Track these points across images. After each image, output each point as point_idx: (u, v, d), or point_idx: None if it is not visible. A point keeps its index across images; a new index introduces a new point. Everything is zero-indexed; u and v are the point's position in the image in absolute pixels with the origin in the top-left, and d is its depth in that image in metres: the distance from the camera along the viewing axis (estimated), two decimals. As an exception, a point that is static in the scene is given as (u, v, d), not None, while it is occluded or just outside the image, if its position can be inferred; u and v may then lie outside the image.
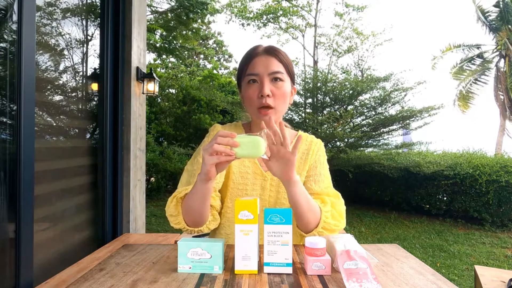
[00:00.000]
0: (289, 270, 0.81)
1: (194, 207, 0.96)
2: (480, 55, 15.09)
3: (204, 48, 16.21)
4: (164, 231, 4.65)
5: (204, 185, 0.91)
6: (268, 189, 1.10)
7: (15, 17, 1.32)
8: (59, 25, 1.78)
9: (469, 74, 15.13)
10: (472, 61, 15.18)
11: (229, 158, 0.84)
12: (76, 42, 1.93)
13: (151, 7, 7.98)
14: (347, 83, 6.25)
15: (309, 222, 0.98)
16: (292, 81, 1.11)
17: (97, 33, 2.14)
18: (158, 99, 8.96)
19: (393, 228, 5.17)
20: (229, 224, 1.11)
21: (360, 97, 6.27)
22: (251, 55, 1.07)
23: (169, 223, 1.05)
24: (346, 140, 6.27)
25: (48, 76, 1.72)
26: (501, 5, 13.83)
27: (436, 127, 6.89)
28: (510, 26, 13.85)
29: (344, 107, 6.39)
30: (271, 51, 1.06)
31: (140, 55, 2.49)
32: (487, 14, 14.68)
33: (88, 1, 2.07)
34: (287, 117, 6.59)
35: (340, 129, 6.26)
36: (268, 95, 1.02)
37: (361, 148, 6.66)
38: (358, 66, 7.95)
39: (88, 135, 2.12)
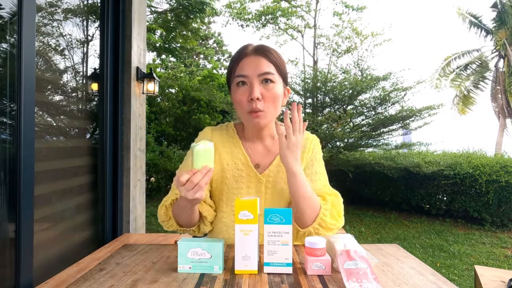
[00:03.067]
0: (289, 270, 0.81)
1: (182, 215, 1.01)
2: (478, 59, 15.11)
3: (204, 48, 16.21)
4: (164, 231, 4.65)
5: (188, 205, 0.94)
6: (263, 192, 1.07)
7: (15, 17, 1.32)
8: (59, 25, 1.78)
9: (466, 79, 15.14)
10: (470, 66, 15.19)
11: (207, 179, 0.85)
12: (76, 42, 1.93)
13: (151, 7, 7.98)
14: (346, 82, 6.24)
15: (306, 215, 0.97)
16: (285, 81, 1.06)
17: (97, 33, 2.14)
18: (158, 99, 8.96)
19: (393, 228, 5.17)
20: (227, 229, 1.09)
21: (360, 97, 6.27)
22: (240, 56, 1.02)
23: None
24: (346, 140, 6.27)
25: (48, 76, 1.72)
26: (499, 6, 13.87)
27: (436, 127, 6.90)
28: (508, 27, 13.87)
29: (344, 107, 6.39)
30: (261, 51, 1.01)
31: (140, 55, 2.49)
32: (479, 18, 14.76)
33: (88, 2, 2.08)
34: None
35: (339, 129, 6.26)
36: (258, 98, 0.98)
37: (361, 148, 6.66)
38: (358, 66, 7.94)
39: (88, 135, 2.12)
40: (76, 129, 1.99)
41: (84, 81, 2.05)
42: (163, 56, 11.67)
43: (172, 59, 13.21)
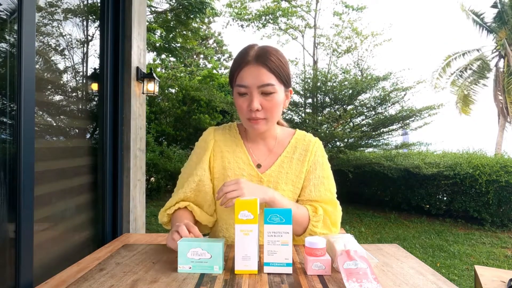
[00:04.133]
0: (289, 270, 0.81)
1: None
2: (479, 58, 15.10)
3: (204, 48, 16.21)
4: (164, 231, 4.65)
5: None
6: None
7: (15, 16, 1.32)
8: (59, 25, 1.78)
9: (467, 82, 15.13)
10: (470, 66, 15.18)
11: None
12: (76, 42, 1.93)
13: (151, 7, 7.98)
14: (346, 82, 6.25)
15: (294, 230, 1.04)
16: (287, 86, 1.06)
17: (97, 33, 2.14)
18: (158, 99, 8.95)
19: (393, 228, 5.17)
20: (227, 227, 1.10)
21: (360, 97, 6.27)
22: (241, 63, 1.01)
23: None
24: (346, 140, 6.27)
25: (48, 76, 1.72)
26: (499, 6, 13.86)
27: (436, 127, 6.90)
28: (508, 26, 13.86)
29: (344, 107, 6.39)
30: (262, 59, 0.99)
31: (140, 55, 2.49)
32: (481, 16, 14.73)
33: (88, 2, 2.08)
34: (286, 117, 6.59)
35: (340, 129, 6.26)
36: (257, 109, 0.99)
37: (361, 148, 6.66)
38: (358, 65, 7.94)
39: (88, 135, 2.12)
40: (76, 129, 1.99)
41: (84, 81, 2.05)
42: (163, 56, 11.67)
43: (172, 59, 13.21)
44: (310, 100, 6.77)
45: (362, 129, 6.26)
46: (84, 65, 2.03)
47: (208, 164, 1.12)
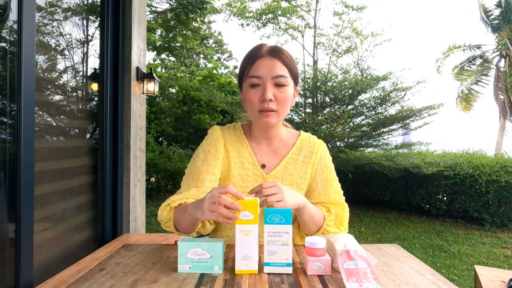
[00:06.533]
0: (289, 270, 0.81)
1: (183, 224, 0.98)
2: (481, 56, 15.08)
3: (204, 48, 16.19)
4: (164, 231, 4.65)
5: (194, 218, 0.89)
6: None
7: (15, 17, 1.32)
8: (59, 25, 1.78)
9: (470, 75, 15.11)
10: (473, 61, 15.16)
11: (228, 222, 0.81)
12: (76, 42, 1.93)
13: (151, 7, 7.97)
14: (346, 82, 6.25)
15: (311, 229, 1.06)
16: (296, 83, 1.08)
17: (97, 33, 2.14)
18: (158, 99, 8.95)
19: (393, 228, 5.17)
20: (230, 227, 1.10)
21: (360, 97, 6.28)
22: (255, 56, 1.03)
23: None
24: (346, 140, 6.27)
25: (48, 76, 1.72)
26: (503, 5, 13.82)
27: (436, 127, 6.90)
28: (511, 26, 13.84)
29: (344, 107, 6.39)
30: (276, 53, 1.03)
31: (140, 55, 2.49)
32: (489, 13, 14.66)
33: (88, 1, 2.08)
34: (286, 117, 6.58)
35: (339, 129, 6.26)
36: (270, 100, 1.00)
37: (361, 148, 6.66)
38: (358, 65, 7.94)
39: (88, 135, 2.12)
40: (76, 129, 1.99)
41: (84, 81, 2.05)
42: (163, 56, 11.66)
43: (172, 58, 13.19)
44: (310, 100, 6.77)
45: (362, 129, 6.26)
46: (84, 65, 2.03)
47: (220, 169, 1.10)
